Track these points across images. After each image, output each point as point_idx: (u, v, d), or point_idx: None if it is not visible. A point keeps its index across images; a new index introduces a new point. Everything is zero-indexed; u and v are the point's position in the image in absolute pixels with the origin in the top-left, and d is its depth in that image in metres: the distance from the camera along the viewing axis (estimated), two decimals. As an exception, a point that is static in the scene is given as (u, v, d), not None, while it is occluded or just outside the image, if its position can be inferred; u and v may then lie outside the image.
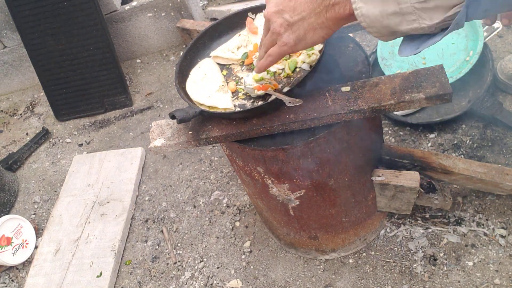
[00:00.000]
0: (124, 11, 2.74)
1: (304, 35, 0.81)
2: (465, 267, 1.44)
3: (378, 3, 0.66)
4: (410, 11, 0.63)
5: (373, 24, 0.68)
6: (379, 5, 0.66)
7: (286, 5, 0.82)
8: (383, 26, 0.68)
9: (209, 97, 1.16)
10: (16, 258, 1.98)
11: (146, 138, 2.42)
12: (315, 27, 0.79)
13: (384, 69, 1.86)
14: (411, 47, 0.71)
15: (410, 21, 0.64)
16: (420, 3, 0.61)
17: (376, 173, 1.34)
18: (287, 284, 1.59)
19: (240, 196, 1.93)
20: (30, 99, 3.08)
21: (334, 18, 0.76)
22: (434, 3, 0.61)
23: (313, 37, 0.81)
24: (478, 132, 1.74)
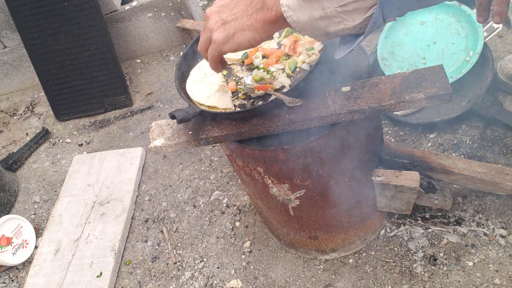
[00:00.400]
0: (124, 11, 2.74)
1: (233, 34, 0.84)
2: (465, 267, 1.44)
3: (306, 10, 0.72)
4: (334, 15, 0.70)
5: (305, 28, 0.74)
6: (307, 12, 0.72)
7: (226, 6, 0.86)
8: (314, 28, 0.74)
9: (209, 97, 1.16)
10: (16, 258, 1.98)
11: (146, 138, 2.42)
12: (244, 28, 0.83)
13: (384, 69, 1.86)
14: (344, 49, 0.78)
15: (336, 23, 0.71)
16: (341, 7, 0.68)
17: (376, 173, 1.34)
18: (287, 284, 1.59)
19: (240, 196, 1.93)
20: (30, 99, 3.08)
21: (262, 20, 0.80)
22: (352, 6, 0.68)
23: (240, 37, 0.83)
24: (478, 132, 1.74)
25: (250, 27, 0.82)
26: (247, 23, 0.82)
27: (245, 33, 0.83)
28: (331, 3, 0.69)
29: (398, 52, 1.85)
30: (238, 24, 0.83)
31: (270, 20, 0.79)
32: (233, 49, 0.87)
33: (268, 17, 0.79)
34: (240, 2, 0.85)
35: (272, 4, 0.77)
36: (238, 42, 0.85)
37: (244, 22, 0.83)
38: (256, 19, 0.81)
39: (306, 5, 0.71)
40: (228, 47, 0.87)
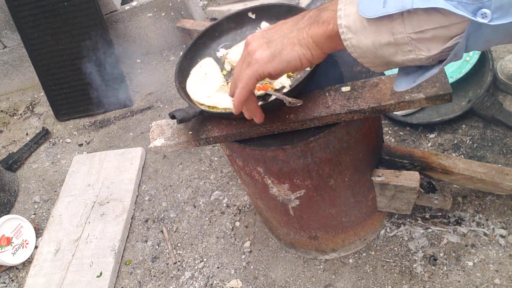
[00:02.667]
0: (124, 11, 2.74)
1: (280, 51, 0.72)
2: (465, 267, 1.44)
3: (370, 33, 0.60)
4: (405, 42, 0.58)
5: (365, 55, 0.63)
6: (371, 36, 0.60)
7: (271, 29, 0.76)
8: (376, 56, 0.63)
9: (209, 97, 1.16)
10: (16, 258, 1.98)
11: (146, 138, 2.42)
12: (294, 42, 0.71)
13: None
14: (407, 80, 0.66)
15: (406, 52, 0.60)
16: (416, 34, 0.57)
17: (376, 173, 1.34)
18: (287, 284, 1.59)
19: (240, 196, 1.93)
20: (30, 99, 3.08)
21: (316, 35, 0.68)
22: (431, 33, 0.56)
23: (289, 54, 0.71)
24: (478, 132, 1.75)
25: (301, 42, 0.70)
26: (298, 37, 0.71)
27: (295, 49, 0.71)
28: (405, 27, 0.57)
29: (398, 52, 1.84)
30: (287, 39, 0.72)
31: (326, 34, 0.67)
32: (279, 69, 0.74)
33: (324, 31, 0.67)
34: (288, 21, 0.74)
35: (329, 17, 0.66)
36: (287, 59, 0.72)
37: (294, 36, 0.71)
38: (309, 33, 0.69)
39: (372, 27, 0.60)
40: (273, 67, 0.73)
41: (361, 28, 0.61)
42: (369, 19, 0.59)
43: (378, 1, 0.57)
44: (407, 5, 0.54)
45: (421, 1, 0.53)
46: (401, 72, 0.68)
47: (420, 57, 0.59)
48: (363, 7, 0.59)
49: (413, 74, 0.65)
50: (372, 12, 0.58)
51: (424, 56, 0.59)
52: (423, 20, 0.55)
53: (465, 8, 0.52)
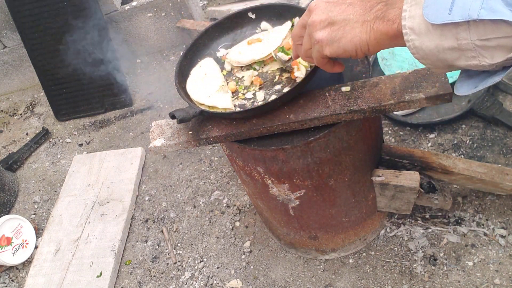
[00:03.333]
0: (124, 11, 2.74)
1: (340, 38, 0.74)
2: (465, 267, 1.44)
3: (434, 37, 0.60)
4: (469, 48, 0.58)
5: (427, 57, 0.64)
6: (435, 39, 0.60)
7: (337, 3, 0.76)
8: (438, 59, 0.63)
9: (209, 97, 1.16)
10: (16, 258, 1.98)
11: (146, 138, 2.42)
12: (355, 33, 0.72)
13: (384, 69, 1.86)
14: (469, 84, 0.66)
15: (469, 58, 0.60)
16: (481, 41, 0.56)
17: (376, 173, 1.34)
18: (287, 284, 1.59)
19: (240, 196, 1.93)
20: (30, 99, 3.08)
21: (379, 31, 0.70)
22: (496, 42, 0.56)
23: (347, 44, 0.74)
24: (478, 132, 1.74)
25: (362, 35, 0.72)
26: (361, 29, 0.72)
27: (355, 40, 0.73)
28: (469, 34, 0.57)
29: (398, 52, 1.85)
30: (350, 28, 0.73)
31: (389, 34, 0.68)
32: (335, 54, 0.77)
33: (387, 30, 0.68)
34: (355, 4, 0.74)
35: (395, 16, 0.67)
36: (344, 48, 0.74)
37: (357, 28, 0.72)
38: (373, 28, 0.70)
39: (436, 31, 0.60)
40: (329, 51, 0.77)
41: (425, 31, 0.61)
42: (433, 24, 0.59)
43: (444, 7, 0.57)
44: (473, 15, 0.54)
45: (488, 12, 0.53)
46: (463, 75, 0.68)
47: (483, 64, 0.59)
48: (429, 11, 0.59)
49: (476, 77, 0.65)
50: (438, 18, 0.58)
51: (487, 63, 0.59)
52: (488, 29, 0.55)
53: None
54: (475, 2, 0.55)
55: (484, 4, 0.54)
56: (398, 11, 0.66)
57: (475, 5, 0.54)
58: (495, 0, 0.53)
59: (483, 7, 0.54)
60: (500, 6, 0.53)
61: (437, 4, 0.58)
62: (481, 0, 0.54)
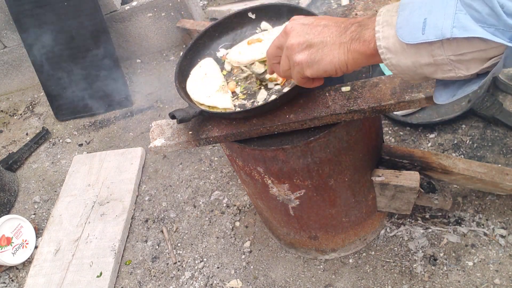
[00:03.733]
0: (124, 11, 2.74)
1: (319, 60, 0.77)
2: (465, 267, 1.44)
3: (410, 55, 0.63)
4: (445, 63, 0.60)
5: (404, 72, 0.66)
6: (411, 57, 0.63)
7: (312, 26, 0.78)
8: (416, 73, 0.65)
9: (209, 97, 1.16)
10: (16, 258, 1.98)
11: (146, 138, 2.42)
12: (334, 55, 0.75)
13: (384, 69, 1.86)
14: (447, 93, 0.68)
15: (445, 71, 0.62)
16: (456, 56, 0.59)
17: (376, 173, 1.34)
18: (287, 284, 1.59)
19: (240, 196, 1.93)
20: (30, 99, 3.08)
21: (356, 52, 0.72)
22: (470, 56, 0.58)
23: (327, 65, 0.76)
24: (478, 132, 1.74)
25: (340, 56, 0.74)
26: (339, 50, 0.74)
27: (333, 61, 0.75)
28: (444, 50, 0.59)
29: (398, 52, 1.85)
30: (328, 50, 0.75)
31: (366, 53, 0.71)
32: (316, 75, 0.80)
33: (364, 50, 0.71)
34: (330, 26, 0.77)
35: (370, 37, 0.69)
36: (324, 69, 0.77)
37: (335, 49, 0.75)
38: (351, 49, 0.73)
39: (411, 50, 0.62)
40: (310, 72, 0.79)
41: (400, 50, 0.63)
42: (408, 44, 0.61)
43: (417, 27, 0.59)
44: (446, 34, 0.56)
45: (460, 30, 0.55)
46: (439, 83, 0.69)
47: (459, 75, 0.61)
48: (402, 32, 0.61)
49: (452, 86, 0.66)
50: (412, 38, 0.60)
51: (463, 75, 0.61)
52: (462, 45, 0.57)
53: (503, 34, 0.54)
54: (446, 21, 0.56)
55: (455, 23, 0.55)
56: (372, 31, 0.68)
57: (446, 24, 0.56)
58: (465, 18, 0.55)
59: (454, 26, 0.55)
60: (471, 24, 0.54)
61: (410, 25, 0.60)
62: (452, 19, 0.55)
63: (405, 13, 0.61)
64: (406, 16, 0.61)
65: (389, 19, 0.64)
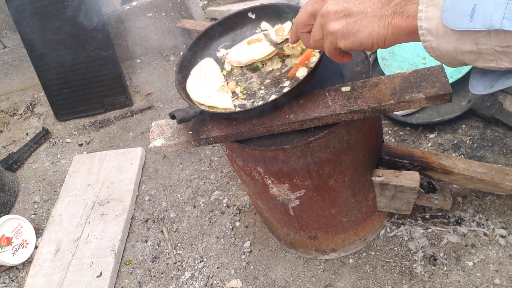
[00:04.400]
0: (124, 11, 2.74)
1: (356, 31, 0.71)
2: (465, 267, 1.44)
3: (453, 40, 0.60)
4: (489, 52, 0.58)
5: (443, 56, 0.64)
6: (453, 42, 0.60)
7: None
8: (455, 59, 0.63)
9: (209, 97, 1.16)
10: (16, 258, 1.98)
11: (146, 138, 2.42)
12: (373, 27, 0.70)
13: (384, 69, 1.86)
14: (484, 82, 0.65)
15: (487, 60, 0.60)
16: (501, 47, 0.56)
17: (376, 173, 1.34)
18: (287, 284, 1.59)
19: (240, 196, 1.93)
20: (30, 99, 3.08)
21: (397, 27, 0.68)
22: None
23: (364, 38, 0.71)
24: (478, 132, 1.74)
25: (380, 30, 0.70)
26: (379, 24, 0.69)
27: (373, 34, 0.70)
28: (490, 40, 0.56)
29: (398, 52, 1.85)
30: (367, 22, 0.70)
31: (408, 30, 0.67)
32: (350, 47, 0.74)
33: (406, 26, 0.67)
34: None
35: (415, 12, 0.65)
36: (361, 42, 0.72)
37: (375, 22, 0.70)
38: (392, 23, 0.68)
39: (455, 35, 0.59)
40: (345, 44, 0.74)
41: (443, 33, 0.60)
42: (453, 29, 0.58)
43: (465, 13, 0.56)
44: (495, 25, 0.54)
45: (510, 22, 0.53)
46: (477, 71, 0.67)
47: (501, 66, 0.59)
48: (448, 16, 0.58)
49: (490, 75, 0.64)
50: (457, 24, 0.57)
51: (506, 66, 0.59)
52: (509, 38, 0.55)
53: None
54: (497, 11, 0.54)
55: (506, 14, 0.53)
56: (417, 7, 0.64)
57: (497, 15, 0.54)
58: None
59: (505, 17, 0.53)
60: None
61: (457, 10, 0.57)
62: (503, 9, 0.53)
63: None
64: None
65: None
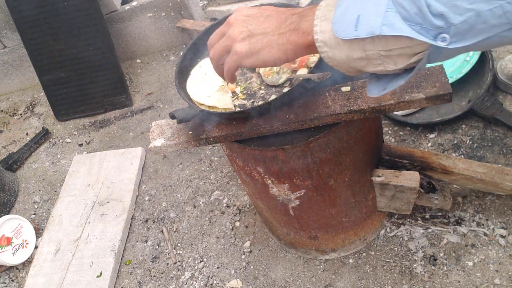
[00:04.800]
0: (124, 11, 2.74)
1: (259, 50, 0.78)
2: (465, 267, 1.44)
3: (344, 49, 0.67)
4: (375, 57, 0.65)
5: (340, 65, 0.71)
6: (345, 51, 0.67)
7: (254, 17, 0.80)
8: (349, 66, 0.70)
9: (209, 97, 1.16)
10: (16, 258, 1.98)
11: (146, 138, 2.42)
12: (273, 45, 0.77)
13: (384, 69, 1.85)
14: (378, 86, 0.73)
15: (375, 65, 0.67)
16: (385, 51, 0.64)
17: (376, 173, 1.34)
18: (287, 284, 1.59)
19: (240, 196, 1.93)
20: (30, 99, 3.08)
21: (294, 43, 0.75)
22: (398, 52, 0.63)
23: (266, 55, 0.78)
24: (478, 132, 1.75)
25: (279, 47, 0.76)
26: (278, 41, 0.77)
27: (273, 52, 0.77)
28: (375, 46, 0.64)
29: (398, 52, 1.84)
30: (267, 40, 0.78)
31: (303, 44, 0.74)
32: (255, 65, 0.81)
33: (302, 41, 0.74)
34: (272, 17, 0.79)
35: (309, 29, 0.72)
36: (263, 59, 0.79)
37: (274, 40, 0.77)
38: (289, 39, 0.75)
39: (345, 45, 0.66)
40: (249, 62, 0.81)
41: (335, 44, 0.67)
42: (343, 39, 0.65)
43: (351, 24, 0.63)
44: (375, 31, 0.61)
45: (388, 28, 0.59)
46: (372, 77, 0.74)
47: (388, 69, 0.66)
48: (337, 27, 0.65)
49: (383, 79, 0.71)
50: (345, 34, 0.64)
51: (391, 69, 0.66)
52: (390, 42, 0.62)
53: (427, 33, 0.58)
54: (377, 19, 0.60)
55: (385, 21, 0.60)
56: (310, 23, 0.71)
57: (377, 22, 0.60)
58: (395, 16, 0.59)
59: (384, 24, 0.60)
60: (399, 22, 0.59)
61: (344, 21, 0.64)
62: (382, 17, 0.60)
63: (341, 9, 0.65)
64: (341, 12, 0.65)
65: (327, 14, 0.68)
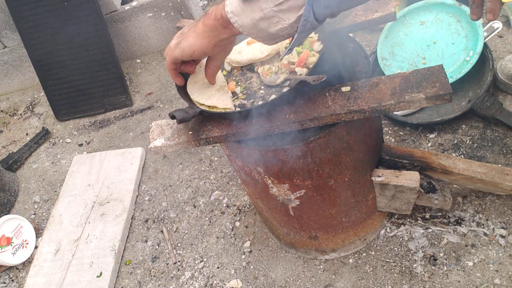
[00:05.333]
0: (124, 11, 2.74)
1: (180, 41, 0.95)
2: (465, 267, 1.44)
3: (247, 13, 0.78)
4: (272, 15, 0.77)
5: (250, 31, 0.81)
6: (249, 15, 0.79)
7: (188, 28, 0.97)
8: (258, 30, 0.81)
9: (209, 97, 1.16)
10: (16, 258, 1.98)
11: (146, 138, 2.42)
12: (188, 35, 0.94)
13: (384, 69, 1.86)
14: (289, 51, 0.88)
15: (275, 23, 0.78)
16: (277, 6, 0.76)
17: (376, 173, 1.34)
18: (287, 284, 1.59)
19: (240, 196, 1.93)
20: (30, 99, 3.08)
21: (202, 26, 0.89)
22: (287, 4, 0.75)
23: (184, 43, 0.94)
24: (478, 132, 1.75)
25: (198, 35, 0.92)
26: (191, 30, 0.93)
27: (188, 40, 0.94)
28: (267, 3, 0.76)
29: (398, 52, 1.85)
30: (190, 31, 0.94)
31: (210, 24, 0.87)
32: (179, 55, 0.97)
33: (207, 22, 0.88)
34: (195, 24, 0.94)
35: (212, 11, 0.86)
36: (182, 47, 0.95)
37: (190, 31, 0.94)
38: (197, 26, 0.91)
39: (247, 8, 0.78)
40: (175, 53, 0.98)
41: (240, 10, 0.79)
42: (243, 2, 0.78)
43: None
44: None
45: None
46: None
47: (285, 26, 0.78)
48: None
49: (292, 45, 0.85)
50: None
51: (287, 24, 0.78)
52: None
53: None
54: None
55: None
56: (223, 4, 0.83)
57: None
58: None
59: None
60: None
61: None
62: None
63: None
64: None
65: None
